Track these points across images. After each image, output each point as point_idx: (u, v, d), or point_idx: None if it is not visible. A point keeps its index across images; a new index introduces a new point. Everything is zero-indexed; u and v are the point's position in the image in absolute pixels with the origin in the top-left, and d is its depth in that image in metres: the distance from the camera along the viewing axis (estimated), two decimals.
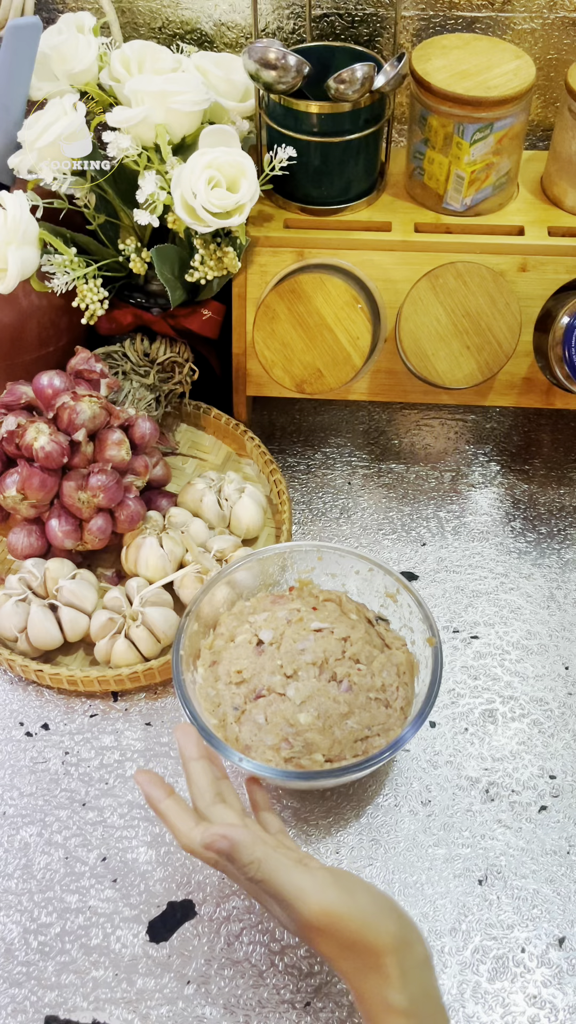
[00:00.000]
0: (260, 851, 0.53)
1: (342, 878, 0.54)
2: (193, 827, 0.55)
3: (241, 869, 0.53)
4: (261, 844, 0.54)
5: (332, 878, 0.53)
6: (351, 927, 0.52)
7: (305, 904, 0.52)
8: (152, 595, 0.76)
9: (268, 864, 0.53)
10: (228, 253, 0.79)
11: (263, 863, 0.53)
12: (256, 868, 0.53)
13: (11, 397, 0.79)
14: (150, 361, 0.88)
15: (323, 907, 0.52)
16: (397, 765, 0.72)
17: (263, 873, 0.53)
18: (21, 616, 0.75)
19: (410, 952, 0.52)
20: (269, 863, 0.53)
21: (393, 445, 0.94)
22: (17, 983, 0.61)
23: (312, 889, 0.52)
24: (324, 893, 0.52)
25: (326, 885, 0.53)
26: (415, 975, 0.52)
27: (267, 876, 0.53)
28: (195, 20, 0.91)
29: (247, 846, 0.53)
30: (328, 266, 0.80)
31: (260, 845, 0.54)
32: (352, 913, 0.52)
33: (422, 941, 0.54)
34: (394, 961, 0.51)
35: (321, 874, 0.54)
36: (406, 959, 0.52)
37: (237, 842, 0.53)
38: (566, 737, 0.73)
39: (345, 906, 0.52)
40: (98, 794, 0.70)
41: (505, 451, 0.94)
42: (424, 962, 0.53)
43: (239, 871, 0.54)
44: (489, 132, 0.77)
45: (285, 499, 0.85)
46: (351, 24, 0.89)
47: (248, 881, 0.54)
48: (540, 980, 0.62)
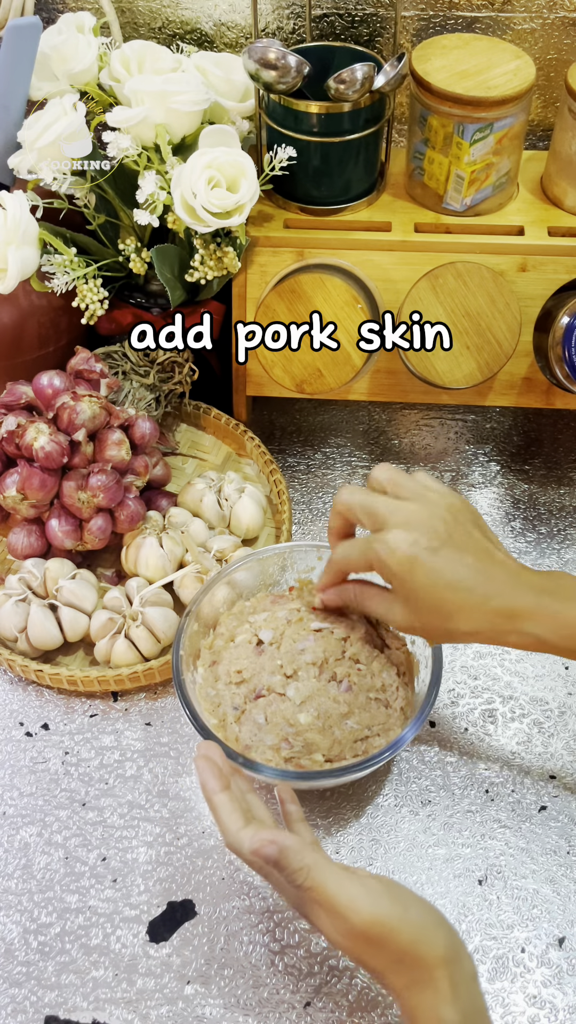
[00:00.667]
0: (310, 858, 0.52)
1: (393, 888, 0.52)
2: (241, 827, 0.54)
3: (289, 876, 0.52)
4: (311, 851, 0.52)
5: (383, 887, 0.52)
6: (403, 939, 0.50)
7: (357, 913, 0.50)
8: (152, 595, 0.77)
9: (318, 871, 0.52)
10: (228, 253, 0.79)
11: (312, 870, 0.52)
12: (305, 875, 0.51)
13: (11, 397, 0.79)
14: (150, 361, 0.88)
15: (375, 917, 0.50)
16: (397, 765, 0.72)
17: (312, 880, 0.51)
18: (21, 616, 0.75)
19: (460, 966, 0.51)
20: (319, 870, 0.52)
21: (393, 445, 0.94)
22: (17, 983, 0.61)
23: (364, 898, 0.51)
24: (376, 903, 0.51)
25: (378, 894, 0.51)
26: (466, 990, 0.50)
27: (316, 884, 0.51)
28: (195, 20, 0.91)
29: (296, 852, 0.52)
30: (328, 266, 0.80)
31: (310, 852, 0.52)
32: (404, 925, 0.50)
33: (470, 956, 0.52)
34: (446, 975, 0.50)
35: (372, 883, 0.52)
36: (457, 973, 0.50)
37: (286, 847, 0.52)
38: (566, 737, 0.73)
39: (397, 917, 0.50)
40: (98, 794, 0.70)
41: (505, 451, 0.94)
42: (473, 977, 0.51)
43: (287, 878, 0.52)
44: (489, 132, 0.77)
45: (285, 499, 0.85)
46: (351, 24, 0.89)
47: (295, 889, 0.53)
48: (540, 980, 0.62)
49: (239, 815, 0.55)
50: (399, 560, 0.58)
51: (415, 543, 0.58)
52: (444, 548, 0.58)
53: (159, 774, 0.71)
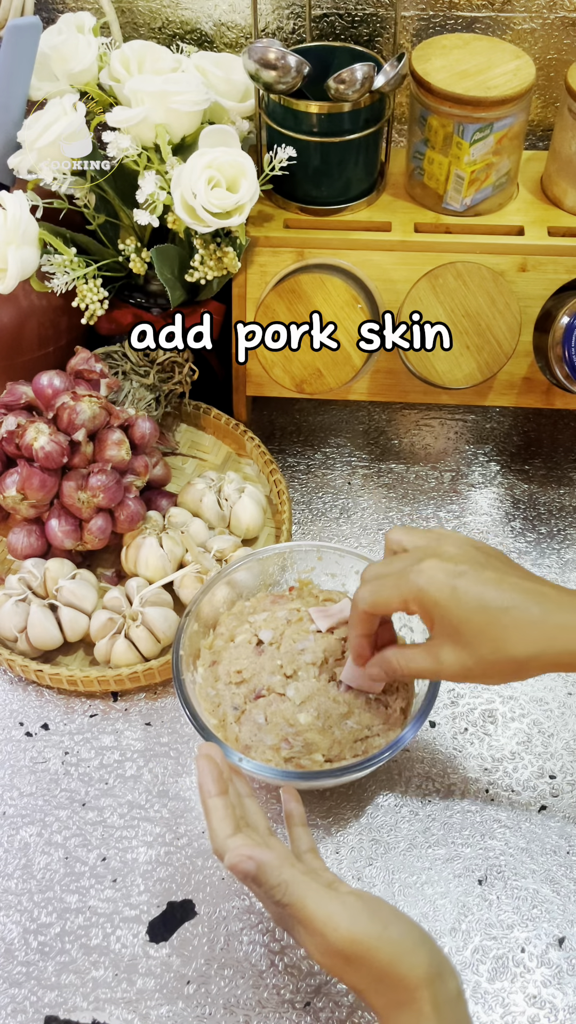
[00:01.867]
0: (288, 873, 0.51)
1: (373, 904, 0.51)
2: (229, 835, 0.53)
3: (267, 892, 0.51)
4: (288, 866, 0.52)
5: (362, 904, 0.51)
6: (381, 958, 0.49)
7: (335, 931, 0.50)
8: (152, 595, 0.77)
9: (296, 888, 0.51)
10: (228, 253, 0.79)
11: (290, 885, 0.51)
12: (283, 891, 0.51)
13: (11, 397, 0.79)
14: (150, 361, 0.88)
15: (353, 935, 0.49)
16: (397, 765, 0.72)
17: (289, 896, 0.51)
18: (21, 616, 0.75)
19: (443, 986, 0.49)
20: (297, 886, 0.51)
21: (393, 445, 0.94)
22: (17, 983, 0.61)
23: (341, 915, 0.50)
24: (354, 920, 0.50)
25: (356, 912, 0.50)
26: (450, 1011, 0.49)
27: (294, 900, 0.51)
28: (195, 20, 0.91)
29: (274, 868, 0.51)
30: (328, 266, 0.80)
31: (287, 867, 0.51)
32: (382, 943, 0.49)
33: (455, 974, 0.51)
34: (428, 996, 0.49)
35: (351, 900, 0.51)
36: (439, 993, 0.49)
37: (264, 863, 0.51)
38: (566, 737, 0.73)
39: (376, 935, 0.49)
40: (98, 794, 0.70)
41: (505, 451, 0.94)
42: (457, 996, 0.50)
43: (265, 893, 0.52)
44: (489, 132, 0.77)
45: (285, 499, 0.85)
46: (351, 24, 0.89)
47: (275, 905, 0.52)
48: (540, 980, 0.62)
49: (230, 822, 0.54)
50: (439, 587, 0.55)
51: (454, 568, 0.55)
52: (486, 570, 0.56)
53: (159, 774, 0.71)
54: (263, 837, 0.56)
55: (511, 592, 0.55)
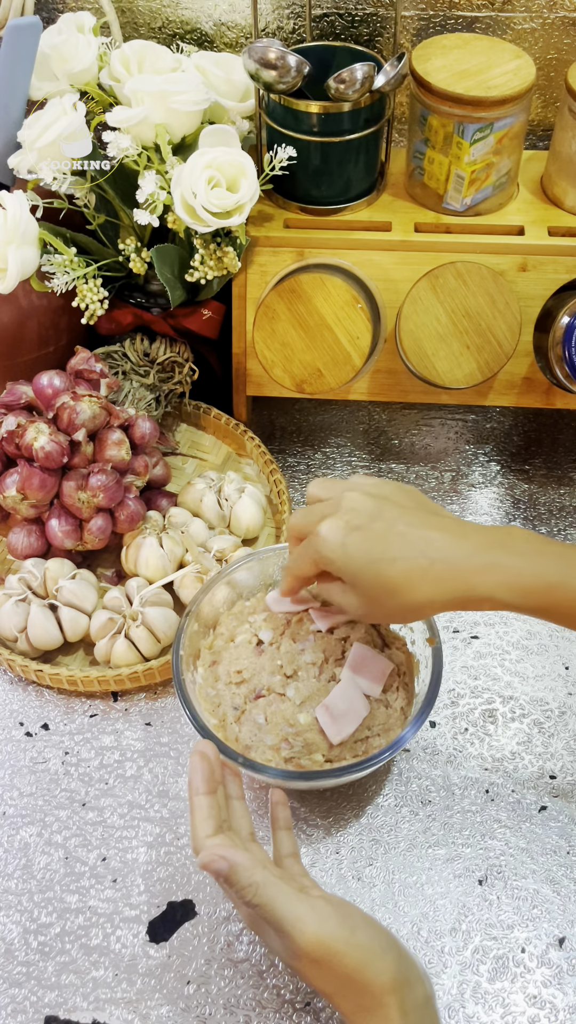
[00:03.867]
0: (259, 875, 0.51)
1: (342, 909, 0.52)
2: (208, 835, 0.53)
3: (239, 892, 0.51)
4: (261, 868, 0.52)
5: (332, 909, 0.51)
6: (348, 963, 0.50)
7: (302, 933, 0.50)
8: (152, 595, 0.77)
9: (266, 889, 0.51)
10: (228, 253, 0.79)
11: (261, 887, 0.51)
12: (253, 892, 0.51)
13: (11, 397, 0.79)
14: (150, 361, 0.88)
15: (320, 938, 0.50)
16: (397, 765, 0.72)
17: (260, 898, 0.51)
18: (21, 616, 0.75)
19: (411, 992, 0.50)
20: (267, 888, 0.51)
21: (393, 445, 0.94)
22: (17, 983, 0.61)
23: (310, 918, 0.50)
24: (322, 924, 0.50)
25: (325, 916, 0.51)
26: (417, 1016, 0.50)
27: (264, 902, 0.51)
28: (195, 20, 0.91)
29: (246, 869, 0.51)
30: (328, 266, 0.80)
31: (260, 869, 0.52)
32: (349, 948, 0.50)
33: (423, 980, 0.52)
34: (395, 1002, 0.49)
35: (321, 904, 0.51)
36: (407, 999, 0.50)
37: (236, 864, 0.51)
38: (566, 737, 0.73)
39: (343, 940, 0.50)
40: (98, 794, 0.70)
41: (505, 451, 0.94)
42: (426, 1002, 0.51)
43: (237, 894, 0.52)
44: (489, 132, 0.77)
45: (285, 499, 0.85)
46: (351, 24, 0.89)
47: (245, 906, 0.52)
48: (540, 980, 0.62)
49: (212, 822, 0.54)
50: (332, 547, 0.57)
51: (344, 526, 0.57)
52: (374, 523, 0.57)
53: (159, 774, 0.71)
54: (243, 841, 0.56)
55: (397, 543, 0.56)
